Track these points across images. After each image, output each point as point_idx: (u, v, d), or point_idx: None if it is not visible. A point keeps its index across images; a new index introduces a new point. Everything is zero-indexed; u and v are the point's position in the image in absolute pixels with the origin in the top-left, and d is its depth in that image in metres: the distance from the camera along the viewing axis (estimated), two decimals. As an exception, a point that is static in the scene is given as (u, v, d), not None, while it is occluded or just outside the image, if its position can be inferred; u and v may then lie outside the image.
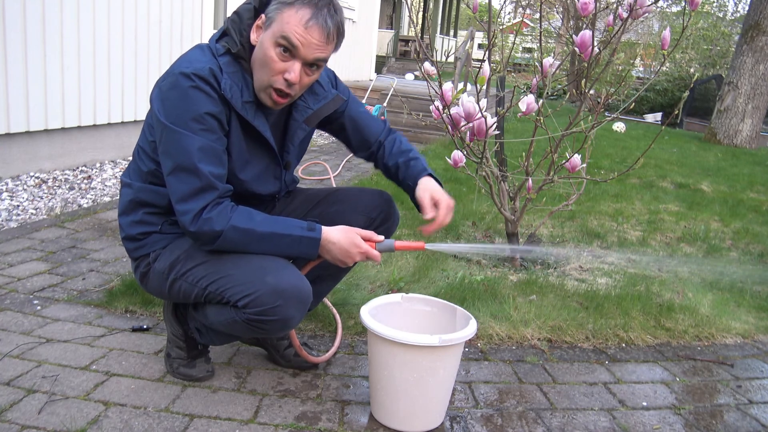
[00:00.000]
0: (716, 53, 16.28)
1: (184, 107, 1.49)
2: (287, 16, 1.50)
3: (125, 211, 1.71)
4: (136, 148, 1.70)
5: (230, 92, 1.53)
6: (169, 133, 1.51)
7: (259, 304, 1.52)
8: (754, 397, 2.04)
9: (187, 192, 1.50)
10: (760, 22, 9.10)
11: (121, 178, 1.75)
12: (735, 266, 3.37)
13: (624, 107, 2.82)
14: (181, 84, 1.49)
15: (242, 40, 1.57)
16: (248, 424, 1.64)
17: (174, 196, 1.53)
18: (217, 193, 1.52)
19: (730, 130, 9.57)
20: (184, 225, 1.52)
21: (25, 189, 3.80)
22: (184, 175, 1.50)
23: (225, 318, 1.62)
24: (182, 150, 1.49)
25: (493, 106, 4.93)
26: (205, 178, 1.50)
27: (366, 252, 1.61)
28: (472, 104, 2.52)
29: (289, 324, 1.58)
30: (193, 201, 1.50)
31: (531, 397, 1.91)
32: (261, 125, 1.62)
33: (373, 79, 10.59)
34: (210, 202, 1.51)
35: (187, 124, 1.49)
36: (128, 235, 1.71)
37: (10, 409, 1.62)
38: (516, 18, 19.06)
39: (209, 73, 1.51)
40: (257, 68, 1.57)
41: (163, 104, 1.52)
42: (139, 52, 4.82)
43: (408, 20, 22.42)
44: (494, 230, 3.64)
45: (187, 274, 1.63)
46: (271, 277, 1.53)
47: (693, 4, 2.33)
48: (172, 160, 1.52)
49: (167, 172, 1.54)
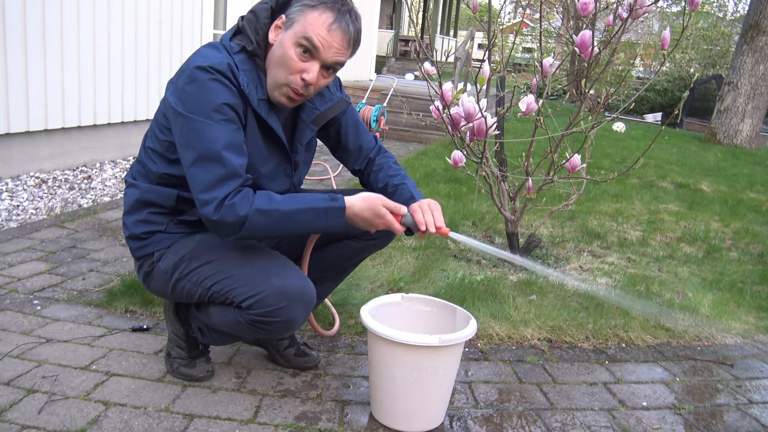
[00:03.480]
0: (716, 53, 16.29)
1: (204, 98, 1.49)
2: (311, 18, 1.52)
3: (130, 211, 1.71)
4: (144, 150, 1.69)
5: (248, 88, 1.54)
6: (190, 124, 1.49)
7: (264, 305, 1.52)
8: (754, 397, 2.04)
9: (212, 180, 1.47)
10: (760, 22, 9.11)
11: (125, 179, 1.75)
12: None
13: (624, 107, 2.82)
14: (199, 77, 1.49)
15: (258, 38, 1.57)
16: (248, 424, 1.64)
17: (197, 186, 1.49)
18: (240, 180, 1.50)
19: (730, 130, 9.57)
20: (207, 215, 1.47)
21: (25, 189, 3.80)
22: (209, 163, 1.48)
23: (229, 319, 1.62)
24: (205, 139, 1.48)
25: (493, 106, 4.94)
26: (231, 166, 1.48)
27: (389, 223, 1.58)
28: (472, 104, 2.52)
29: (294, 325, 1.58)
30: (218, 189, 1.47)
31: (531, 397, 1.91)
32: (274, 123, 1.62)
33: (373, 79, 10.59)
34: (233, 190, 1.48)
35: (209, 114, 1.48)
36: (132, 234, 1.70)
37: (10, 409, 1.62)
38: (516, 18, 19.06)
39: (227, 67, 1.51)
40: (274, 66, 1.57)
41: (182, 98, 1.51)
42: (139, 52, 4.82)
43: (408, 20, 22.42)
44: (494, 230, 3.64)
45: (191, 274, 1.62)
46: (276, 278, 1.53)
47: (693, 4, 2.34)
48: (194, 151, 1.49)
49: (189, 163, 1.50)
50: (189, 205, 1.66)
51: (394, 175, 1.84)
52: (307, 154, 1.82)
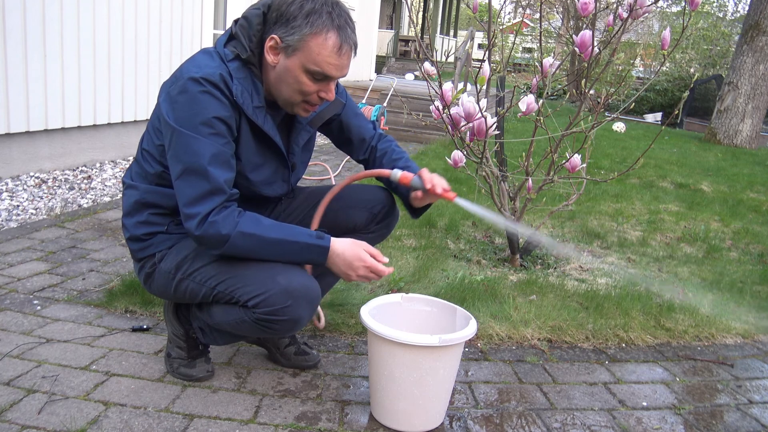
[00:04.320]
0: (716, 53, 16.29)
1: (194, 111, 1.48)
2: (316, 47, 1.50)
3: (130, 212, 1.70)
4: (140, 151, 1.69)
5: (241, 98, 1.53)
6: (178, 137, 1.50)
7: (270, 303, 1.53)
8: (754, 397, 2.04)
9: (196, 195, 1.49)
10: (760, 22, 9.11)
11: (123, 180, 1.75)
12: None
13: (624, 107, 2.83)
14: (190, 89, 1.48)
15: (251, 45, 1.55)
16: (248, 424, 1.64)
17: (182, 199, 1.51)
18: (225, 197, 1.51)
19: (730, 130, 9.57)
20: (189, 229, 1.50)
21: (25, 189, 3.80)
22: (194, 178, 1.49)
23: (233, 318, 1.62)
24: (192, 153, 1.48)
25: (493, 106, 4.93)
26: (215, 182, 1.49)
27: (372, 266, 1.58)
28: (472, 104, 2.52)
29: (299, 324, 1.58)
30: (201, 204, 1.48)
31: (531, 397, 1.91)
32: (271, 130, 1.62)
33: (373, 79, 10.60)
34: (217, 206, 1.49)
35: (197, 128, 1.48)
36: (133, 235, 1.70)
37: (10, 409, 1.62)
38: (516, 18, 19.08)
39: (219, 78, 1.50)
40: (282, 86, 1.57)
41: (173, 108, 1.51)
42: (139, 52, 4.82)
43: (408, 20, 22.43)
44: (494, 230, 3.64)
45: (194, 274, 1.63)
46: (281, 277, 1.54)
47: (693, 4, 2.34)
48: (181, 164, 1.50)
49: (176, 176, 1.52)
50: None
51: (398, 158, 1.88)
52: (304, 154, 1.82)
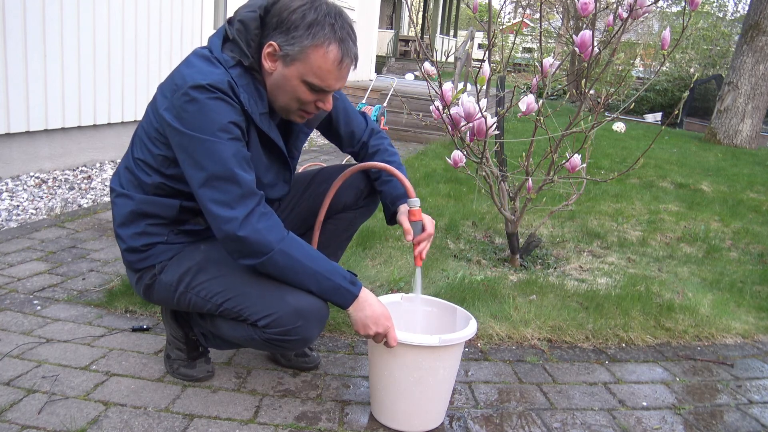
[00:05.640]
0: (716, 53, 16.30)
1: (210, 118, 1.44)
2: (317, 59, 1.47)
3: (125, 223, 1.62)
4: (133, 161, 1.62)
5: (249, 105, 1.50)
6: (198, 144, 1.44)
7: (281, 324, 1.50)
8: (754, 397, 2.04)
9: (228, 200, 1.44)
10: (760, 22, 9.11)
11: (112, 187, 1.66)
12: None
13: (624, 107, 2.83)
14: (199, 97, 1.43)
15: (251, 51, 1.51)
16: (248, 424, 1.64)
17: (212, 206, 1.45)
18: (258, 198, 1.47)
19: (730, 130, 9.57)
20: (229, 232, 1.43)
21: (25, 189, 3.80)
22: (222, 183, 1.44)
23: (241, 334, 1.59)
24: (216, 160, 1.43)
25: (493, 106, 4.93)
26: (246, 185, 1.45)
27: (391, 329, 1.55)
28: (472, 104, 2.52)
29: (309, 342, 1.57)
30: (236, 209, 1.43)
31: (531, 397, 1.91)
32: (275, 135, 1.62)
33: (373, 79, 10.60)
34: (254, 208, 1.46)
35: (215, 133, 1.43)
36: (131, 246, 1.63)
37: (10, 409, 1.62)
38: (516, 18, 19.08)
39: (228, 86, 1.46)
40: (278, 93, 1.55)
41: (181, 117, 1.45)
42: (139, 52, 4.82)
43: (408, 20, 22.43)
44: (494, 230, 3.64)
45: (198, 288, 1.58)
46: (290, 296, 1.51)
47: (693, 4, 2.34)
48: (204, 172, 1.44)
49: (199, 184, 1.45)
50: (191, 215, 1.64)
51: (390, 161, 1.86)
52: (300, 154, 1.84)
